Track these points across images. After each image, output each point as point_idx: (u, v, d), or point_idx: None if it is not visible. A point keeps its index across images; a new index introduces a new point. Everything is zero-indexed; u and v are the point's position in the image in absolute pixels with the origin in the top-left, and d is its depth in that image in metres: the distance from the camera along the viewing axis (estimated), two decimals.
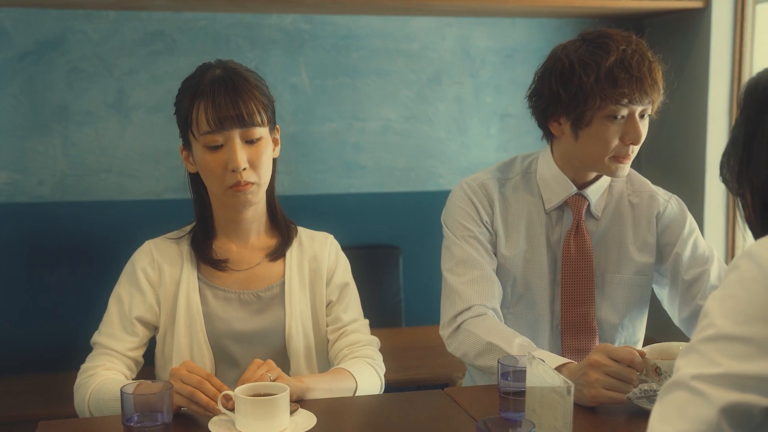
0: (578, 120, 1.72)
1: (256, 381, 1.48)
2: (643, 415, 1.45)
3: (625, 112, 1.69)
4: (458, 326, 1.73)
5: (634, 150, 1.74)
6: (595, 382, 1.44)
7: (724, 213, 3.28)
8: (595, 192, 1.84)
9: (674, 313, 1.86)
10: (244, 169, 1.64)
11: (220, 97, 1.62)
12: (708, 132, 3.22)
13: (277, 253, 1.77)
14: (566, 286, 1.81)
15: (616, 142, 1.71)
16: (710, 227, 3.27)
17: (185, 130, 1.70)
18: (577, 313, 1.81)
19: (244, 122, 1.63)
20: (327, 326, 1.80)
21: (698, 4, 3.17)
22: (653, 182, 1.95)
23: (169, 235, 1.79)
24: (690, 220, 1.86)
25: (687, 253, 1.81)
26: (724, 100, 3.22)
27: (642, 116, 1.73)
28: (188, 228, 1.79)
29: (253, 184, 1.66)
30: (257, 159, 1.66)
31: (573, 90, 1.70)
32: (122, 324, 1.70)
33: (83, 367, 1.70)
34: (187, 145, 1.72)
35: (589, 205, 1.83)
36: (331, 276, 1.80)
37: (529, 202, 1.84)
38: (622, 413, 1.47)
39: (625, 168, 1.76)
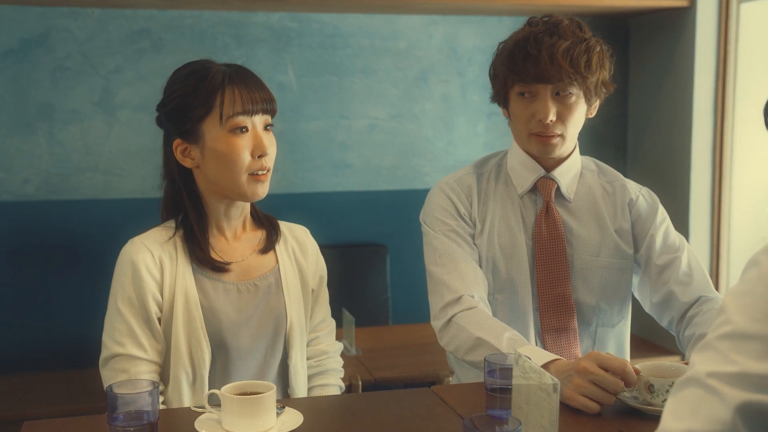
0: (499, 99, 1.84)
1: None
2: (630, 413, 1.46)
3: (531, 89, 1.75)
4: (449, 320, 1.74)
5: (555, 129, 1.76)
6: (576, 387, 1.45)
7: (709, 211, 3.30)
8: (563, 174, 1.86)
9: (645, 299, 1.89)
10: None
11: (251, 81, 1.67)
12: (693, 130, 3.24)
13: (268, 245, 1.78)
14: (540, 267, 1.83)
15: (530, 119, 1.77)
16: (695, 225, 3.29)
17: (198, 119, 1.64)
18: (554, 293, 1.83)
19: (270, 108, 1.70)
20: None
21: (683, 3, 3.19)
22: (638, 180, 1.98)
23: (156, 230, 1.72)
24: (661, 209, 1.89)
25: (659, 240, 1.85)
26: (708, 99, 3.24)
27: (562, 96, 1.74)
28: (172, 224, 1.74)
29: (269, 171, 1.70)
30: (273, 148, 1.71)
31: (492, 71, 1.84)
32: (144, 328, 1.63)
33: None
34: (190, 138, 1.66)
35: (558, 188, 1.85)
36: (314, 266, 1.84)
37: (503, 191, 1.88)
38: (609, 411, 1.47)
39: (550, 147, 1.78)
